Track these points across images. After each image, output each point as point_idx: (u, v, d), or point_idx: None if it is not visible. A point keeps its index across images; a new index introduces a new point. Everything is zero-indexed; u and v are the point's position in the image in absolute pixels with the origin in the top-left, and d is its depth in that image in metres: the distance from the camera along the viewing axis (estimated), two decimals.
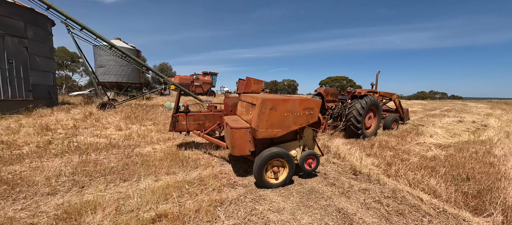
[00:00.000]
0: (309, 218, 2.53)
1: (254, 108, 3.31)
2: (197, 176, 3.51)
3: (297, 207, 2.77)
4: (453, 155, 4.99)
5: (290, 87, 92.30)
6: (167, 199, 2.78)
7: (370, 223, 2.49)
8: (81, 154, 4.26)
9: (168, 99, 15.17)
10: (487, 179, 3.60)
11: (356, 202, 2.94)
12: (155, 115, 8.60)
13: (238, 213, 2.56)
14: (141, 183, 3.20)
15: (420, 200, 3.01)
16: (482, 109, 16.60)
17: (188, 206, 2.64)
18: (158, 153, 4.52)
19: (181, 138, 5.92)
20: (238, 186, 3.27)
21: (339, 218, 2.57)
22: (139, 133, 6.12)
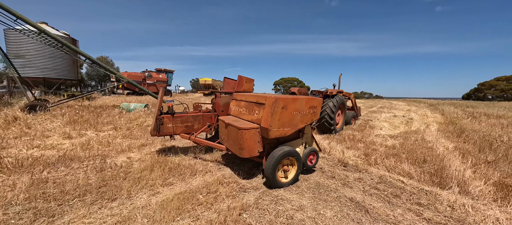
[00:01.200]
0: (331, 211, 2.66)
1: (264, 108, 3.24)
2: (201, 184, 3.17)
3: (315, 202, 2.87)
4: (403, 143, 6.15)
5: None
6: (180, 214, 2.41)
7: (378, 207, 2.82)
8: (29, 173, 3.20)
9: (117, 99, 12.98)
10: (435, 159, 4.61)
11: (358, 191, 3.27)
12: (112, 118, 7.24)
13: (266, 217, 2.47)
14: (136, 200, 2.67)
15: (403, 183, 3.59)
16: (402, 106, 21.00)
17: (211, 217, 2.37)
18: (138, 163, 3.85)
19: (157, 143, 5.20)
20: (249, 190, 3.13)
21: (354, 206, 2.81)
22: (98, 140, 5.04)
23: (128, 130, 6.20)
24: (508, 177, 3.70)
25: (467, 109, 13.59)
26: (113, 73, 9.88)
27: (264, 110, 3.22)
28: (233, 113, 4.22)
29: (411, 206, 2.86)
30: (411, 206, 2.87)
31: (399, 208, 2.80)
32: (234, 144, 3.39)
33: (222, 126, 3.86)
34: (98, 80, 34.59)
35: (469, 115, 11.46)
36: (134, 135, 5.73)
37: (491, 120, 9.68)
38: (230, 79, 5.46)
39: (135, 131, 6.05)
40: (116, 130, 6.07)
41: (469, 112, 12.28)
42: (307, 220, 2.45)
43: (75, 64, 12.79)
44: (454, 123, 9.44)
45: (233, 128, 3.34)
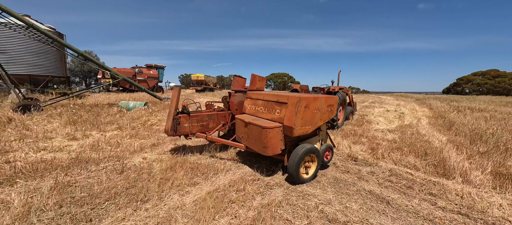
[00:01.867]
0: (356, 204, 2.84)
1: (286, 107, 3.33)
2: (226, 183, 3.24)
3: (339, 196, 3.04)
4: (402, 137, 6.52)
5: None
6: (218, 213, 2.48)
7: (396, 198, 3.05)
8: (50, 177, 3.10)
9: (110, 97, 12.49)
10: (435, 152, 4.96)
11: (374, 184, 3.49)
12: (113, 118, 7.02)
13: (299, 212, 2.60)
14: (168, 201, 2.70)
15: (411, 175, 3.87)
16: (391, 100, 21.94)
17: (248, 215, 2.46)
18: (157, 163, 3.82)
19: (167, 142, 5.15)
20: (274, 187, 3.25)
21: (375, 199, 3.01)
22: (107, 141, 4.90)
23: (133, 129, 6.06)
24: (501, 167, 4.09)
25: (452, 103, 14.49)
26: (108, 70, 9.49)
27: (287, 109, 3.31)
28: (248, 111, 4.27)
29: (425, 196, 3.11)
30: (425, 196, 3.12)
31: (415, 199, 3.04)
32: (256, 142, 3.47)
33: (240, 124, 3.92)
34: (82, 77, 32.86)
35: (454, 109, 12.25)
36: (141, 134, 5.63)
37: (475, 114, 10.43)
38: (239, 77, 5.49)
39: (140, 131, 5.93)
40: (121, 130, 5.91)
41: (454, 106, 13.12)
42: (337, 213, 2.61)
43: (62, 60, 12.07)
44: (443, 117, 10.07)
45: (255, 127, 3.42)
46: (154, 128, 6.36)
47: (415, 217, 2.61)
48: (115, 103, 9.67)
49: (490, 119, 8.98)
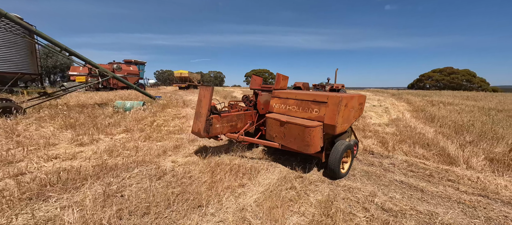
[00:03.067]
0: (397, 194, 3.13)
1: (326, 106, 3.48)
2: (274, 182, 3.30)
3: (379, 188, 3.31)
4: (399, 130, 7.18)
5: (216, 79, 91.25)
6: (284, 211, 2.54)
7: (424, 185, 3.42)
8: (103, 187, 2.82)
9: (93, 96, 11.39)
10: (433, 143, 5.58)
11: (400, 174, 3.85)
12: (113, 120, 6.48)
13: (355, 205, 2.79)
14: (228, 203, 2.69)
15: (425, 164, 4.34)
16: (371, 96, 23.66)
17: (311, 211, 2.57)
18: (194, 166, 3.70)
19: (187, 143, 4.97)
20: (317, 183, 3.40)
21: (409, 187, 3.34)
22: (122, 145, 4.56)
23: (142, 132, 5.70)
24: (491, 153, 4.79)
25: (425, 97, 16.19)
26: (95, 67, 8.65)
27: (327, 108, 3.46)
28: (277, 110, 4.33)
29: (446, 183, 3.54)
30: (446, 182, 3.55)
31: (440, 185, 3.45)
32: (296, 141, 3.57)
33: (274, 124, 3.96)
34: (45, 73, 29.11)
35: (428, 103, 13.73)
36: (154, 137, 5.33)
37: (448, 107, 11.85)
38: (257, 76, 5.50)
39: (152, 133, 5.61)
40: (130, 133, 5.52)
41: (428, 100, 14.69)
42: (387, 203, 2.86)
43: (33, 54, 10.59)
44: (422, 110, 11.25)
45: (296, 126, 3.51)
46: (163, 129, 6.05)
47: (449, 201, 2.98)
48: (103, 103, 8.88)
49: (462, 112, 10.30)
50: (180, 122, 6.97)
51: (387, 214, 2.61)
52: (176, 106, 9.25)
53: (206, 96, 3.92)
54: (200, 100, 4.05)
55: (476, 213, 2.72)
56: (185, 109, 9.09)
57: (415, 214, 2.64)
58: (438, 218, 2.56)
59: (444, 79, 52.79)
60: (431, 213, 2.66)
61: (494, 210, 2.77)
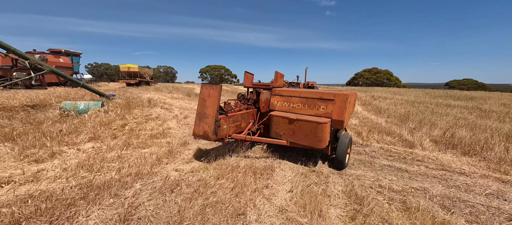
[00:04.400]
0: (392, 176, 3.70)
1: (333, 103, 3.76)
2: (293, 178, 3.37)
3: (377, 173, 3.83)
4: (361, 121, 8.37)
5: (167, 74, 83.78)
6: (322, 206, 2.66)
7: (406, 167, 4.15)
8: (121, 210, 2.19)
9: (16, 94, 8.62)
10: (391, 131, 6.77)
11: (384, 159, 4.54)
12: (69, 126, 5.13)
13: (369, 190, 3.16)
14: (266, 208, 2.62)
15: (396, 150, 5.25)
16: None
17: (345, 202, 2.78)
18: (204, 173, 3.38)
19: (183, 148, 4.47)
20: (328, 175, 3.67)
21: (397, 170, 4.00)
22: (101, 158, 3.72)
23: (115, 138, 4.77)
24: (431, 136, 6.18)
25: (367, 93, 19.31)
26: (24, 58, 6.60)
27: (335, 105, 3.75)
28: (279, 108, 4.39)
29: (417, 163, 4.40)
30: (417, 162, 4.41)
31: (414, 165, 4.26)
32: (307, 137, 3.73)
33: (282, 121, 4.00)
34: None
35: (371, 97, 16.44)
36: (136, 143, 4.55)
37: (386, 101, 14.48)
38: (250, 73, 5.40)
39: (129, 139, 4.76)
40: (100, 141, 4.52)
41: (370, 95, 17.57)
42: (391, 185, 3.35)
43: None
44: (369, 104, 13.40)
45: (308, 123, 3.67)
46: (141, 134, 5.22)
47: (428, 177, 3.73)
48: (36, 104, 6.88)
49: (396, 104, 12.80)
50: (156, 124, 6.15)
51: (398, 194, 3.07)
52: (141, 106, 8.07)
53: (213, 95, 3.62)
54: (204, 100, 3.70)
55: (449, 183, 3.51)
56: (154, 109, 8.03)
57: (414, 191, 3.20)
58: (430, 191, 3.19)
59: (372, 77, 64.02)
60: (423, 188, 3.28)
61: (459, 179, 3.63)
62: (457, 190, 3.27)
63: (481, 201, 2.98)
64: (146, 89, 19.39)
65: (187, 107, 10.17)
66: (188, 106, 10.47)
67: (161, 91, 17.40)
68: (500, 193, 3.19)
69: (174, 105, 10.30)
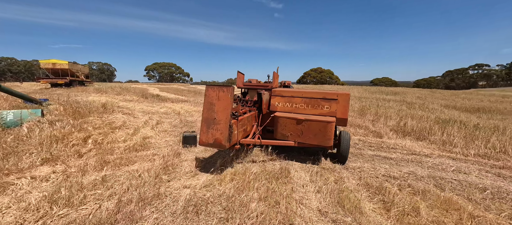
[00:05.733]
0: (385, 164, 4.23)
1: (337, 102, 4.00)
2: (312, 178, 3.41)
3: (372, 163, 4.30)
4: None
5: (103, 72, 71.33)
6: (353, 200, 2.79)
7: (387, 155, 4.82)
8: None
9: None
10: (359, 123, 7.76)
11: (368, 150, 5.14)
12: (17, 143, 3.63)
13: (374, 179, 3.51)
14: (305, 212, 2.56)
15: (371, 140, 6.02)
16: None
17: (368, 194, 3.00)
18: (222, 186, 3.02)
19: (177, 159, 3.86)
20: (338, 170, 3.88)
21: (382, 159, 4.59)
22: (77, 184, 2.81)
23: (81, 157, 3.71)
24: (389, 127, 7.39)
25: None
26: None
27: (338, 104, 3.98)
28: (281, 109, 4.37)
29: (394, 151, 5.17)
30: (394, 150, 5.18)
31: (393, 153, 4.99)
32: (316, 137, 3.84)
33: (288, 123, 3.98)
34: None
35: None
36: (114, 160, 3.66)
37: None
38: (242, 73, 5.16)
39: (102, 155, 3.80)
40: (62, 163, 3.41)
41: None
42: (388, 172, 3.82)
43: None
44: None
45: (317, 123, 3.79)
46: (116, 147, 4.25)
47: (408, 162, 4.43)
48: None
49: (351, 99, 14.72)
50: (126, 134, 5.11)
51: (399, 180, 3.52)
52: (95, 113, 6.55)
53: (224, 98, 3.26)
54: (211, 104, 3.31)
55: (424, 165, 4.25)
56: (114, 115, 6.64)
57: (407, 176, 3.73)
58: (417, 174, 3.79)
59: (317, 76, 71.75)
60: (411, 172, 3.87)
61: (428, 161, 4.46)
62: (432, 170, 4.01)
63: (453, 177, 3.74)
64: (84, 91, 16.01)
65: (152, 110, 8.90)
66: (152, 109, 9.17)
67: (106, 93, 14.71)
68: (459, 169, 4.09)
69: (134, 109, 8.85)
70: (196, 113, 8.58)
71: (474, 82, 66.57)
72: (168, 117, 7.74)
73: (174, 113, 8.51)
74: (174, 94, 16.34)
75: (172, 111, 8.79)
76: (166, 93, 17.20)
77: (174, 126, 6.56)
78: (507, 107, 14.18)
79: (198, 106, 10.19)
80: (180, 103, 11.43)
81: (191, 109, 9.25)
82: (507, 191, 3.25)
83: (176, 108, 9.30)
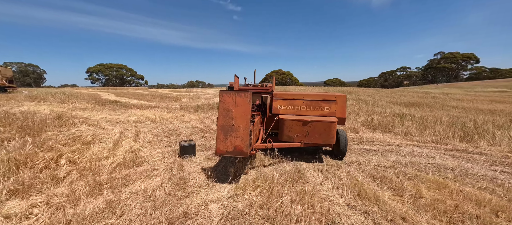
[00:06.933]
0: (374, 156, 4.81)
1: (336, 103, 4.35)
2: (327, 176, 3.61)
3: (364, 156, 4.82)
4: None
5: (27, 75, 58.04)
6: (371, 193, 3.10)
7: (371, 148, 5.50)
8: None
9: None
10: None
11: (354, 145, 5.75)
12: None
13: (375, 171, 3.98)
14: (336, 208, 2.72)
15: (352, 135, 6.73)
16: None
17: (377, 185, 3.38)
18: (248, 196, 2.92)
19: (190, 174, 3.51)
20: (343, 165, 4.22)
21: (369, 151, 5.20)
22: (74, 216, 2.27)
23: (60, 182, 2.99)
24: (359, 123, 8.39)
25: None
26: None
27: (337, 105, 4.33)
28: (283, 112, 4.48)
29: (373, 143, 5.91)
30: (373, 143, 5.92)
31: (375, 146, 5.71)
32: (321, 136, 4.10)
33: (295, 124, 4.12)
34: None
35: None
36: (106, 181, 3.09)
37: None
38: (237, 77, 5.06)
39: (88, 178, 3.16)
40: (39, 193, 2.67)
41: None
42: (380, 163, 4.36)
43: None
44: None
45: (321, 123, 4.05)
46: (101, 165, 3.57)
47: (390, 152, 5.14)
48: None
49: None
50: (105, 148, 4.35)
51: (392, 169, 4.06)
52: (51, 127, 5.32)
53: (242, 103, 3.17)
54: (228, 110, 3.18)
55: (400, 153, 5.01)
56: (77, 128, 5.51)
57: (395, 164, 4.34)
58: (401, 162, 4.46)
59: (278, 78, 75.26)
60: (396, 161, 4.52)
61: (402, 150, 5.27)
62: (410, 157, 4.77)
63: (426, 161, 4.54)
64: (11, 99, 12.81)
65: (120, 119, 7.77)
66: (119, 118, 8.00)
67: (45, 100, 12.20)
68: (427, 154, 4.98)
69: (97, 119, 7.56)
70: (175, 120, 7.91)
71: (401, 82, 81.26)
72: (145, 126, 6.91)
73: (149, 121, 7.65)
74: (137, 100, 14.59)
75: (146, 119, 7.87)
76: (126, 98, 15.22)
77: (157, 136, 5.92)
78: (431, 101, 17.82)
79: (173, 112, 9.41)
80: (150, 109, 10.32)
81: (167, 116, 8.48)
82: (466, 168, 4.14)
83: (148, 116, 8.37)
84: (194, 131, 6.55)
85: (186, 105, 12.03)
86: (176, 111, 9.85)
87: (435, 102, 17.28)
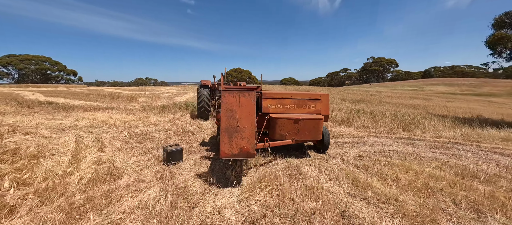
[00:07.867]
0: (365, 147, 5.41)
1: (320, 102, 4.69)
2: (322, 170, 3.87)
3: (350, 148, 5.37)
4: None
5: None
6: (364, 177, 3.49)
7: (350, 140, 6.17)
8: None
9: None
10: None
11: (337, 138, 6.33)
12: None
13: (359, 161, 4.51)
14: (340, 197, 2.98)
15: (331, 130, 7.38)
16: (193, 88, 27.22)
17: (364, 174, 3.84)
18: (259, 197, 2.87)
19: (189, 180, 3.15)
20: (328, 158, 4.58)
21: (354, 143, 5.83)
22: None
23: (15, 212, 2.25)
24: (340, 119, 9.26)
25: None
26: None
27: (321, 103, 4.67)
28: (273, 110, 4.57)
29: (343, 136, 6.65)
30: (343, 136, 6.66)
31: (344, 139, 6.43)
32: (310, 133, 4.36)
33: (286, 123, 4.25)
34: None
35: None
36: (82, 201, 2.51)
37: None
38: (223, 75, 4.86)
39: (49, 206, 2.48)
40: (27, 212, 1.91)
41: None
42: (357, 153, 4.95)
43: None
44: None
45: (311, 121, 4.31)
46: (53, 185, 2.85)
47: (357, 143, 5.87)
48: None
49: None
50: (63, 161, 3.48)
51: (367, 158, 4.67)
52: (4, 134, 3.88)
53: (246, 103, 3.08)
54: (232, 110, 3.04)
55: (367, 144, 5.81)
56: (9, 138, 4.17)
57: (368, 153, 5.00)
58: (370, 151, 5.17)
59: (238, 76, 75.27)
60: (367, 151, 5.22)
61: (368, 140, 6.11)
62: (376, 146, 5.58)
63: (388, 149, 5.40)
64: None
65: (66, 125, 6.30)
66: (64, 124, 6.48)
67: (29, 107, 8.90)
68: (385, 143, 5.92)
69: (30, 125, 5.94)
70: (140, 123, 6.95)
71: (343, 81, 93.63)
72: (104, 132, 5.83)
73: (107, 125, 6.49)
74: (79, 100, 12.07)
75: (101, 123, 6.64)
76: (62, 98, 12.41)
77: (126, 142, 5.09)
78: (371, 98, 21.16)
79: (135, 114, 8.24)
80: (102, 111, 8.74)
81: (129, 118, 7.37)
82: (417, 152, 5.13)
83: (104, 119, 7.09)
84: (169, 134, 5.93)
85: (147, 105, 10.72)
86: (138, 112, 8.67)
87: (373, 99, 20.59)
